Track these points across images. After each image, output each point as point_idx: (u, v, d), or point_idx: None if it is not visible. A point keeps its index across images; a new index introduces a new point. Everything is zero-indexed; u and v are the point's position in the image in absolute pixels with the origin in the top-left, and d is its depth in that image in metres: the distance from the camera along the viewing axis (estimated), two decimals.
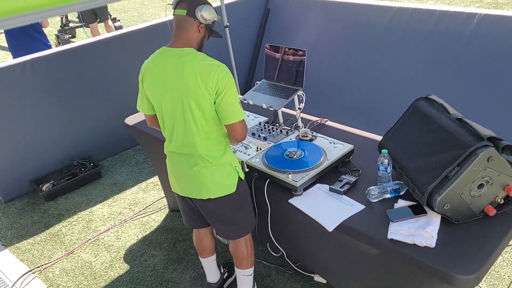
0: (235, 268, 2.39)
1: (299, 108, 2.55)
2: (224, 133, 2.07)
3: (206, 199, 2.09)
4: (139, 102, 2.15)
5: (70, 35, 7.33)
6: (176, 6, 1.96)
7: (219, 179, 2.06)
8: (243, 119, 1.98)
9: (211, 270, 2.53)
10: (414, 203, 1.92)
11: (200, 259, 2.51)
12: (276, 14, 4.73)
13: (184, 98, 1.93)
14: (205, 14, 1.93)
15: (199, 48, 2.01)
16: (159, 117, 2.09)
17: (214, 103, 1.92)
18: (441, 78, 3.47)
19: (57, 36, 6.83)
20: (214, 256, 2.51)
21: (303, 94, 2.54)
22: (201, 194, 2.09)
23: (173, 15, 1.98)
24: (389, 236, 1.78)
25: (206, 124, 1.97)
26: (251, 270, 2.37)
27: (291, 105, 2.58)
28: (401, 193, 2.01)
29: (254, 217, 2.30)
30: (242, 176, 2.15)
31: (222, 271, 2.61)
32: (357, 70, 4.02)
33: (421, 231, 1.75)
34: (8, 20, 0.73)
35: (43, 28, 4.48)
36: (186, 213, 2.35)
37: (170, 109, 2.00)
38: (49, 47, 4.27)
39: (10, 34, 4.19)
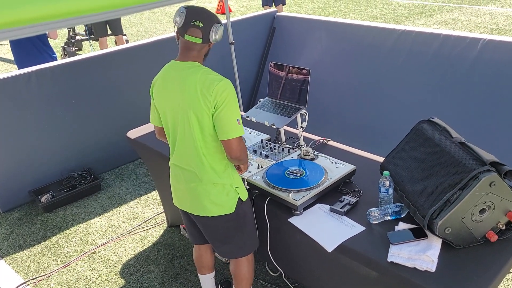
0: None
1: (301, 127, 2.55)
2: (224, 152, 2.02)
3: (204, 216, 2.07)
4: (151, 114, 2.18)
5: (76, 48, 7.40)
6: (186, 31, 1.91)
7: (216, 198, 2.02)
8: (240, 137, 1.93)
9: (208, 285, 2.49)
10: (415, 226, 1.90)
11: (199, 275, 2.49)
12: (281, 33, 4.78)
13: (184, 111, 1.92)
14: (219, 36, 1.95)
15: (205, 57, 2.03)
16: (165, 129, 2.10)
17: (212, 117, 1.90)
18: (444, 101, 3.48)
19: (64, 49, 6.90)
20: (212, 274, 2.48)
21: (306, 113, 2.54)
22: (198, 211, 2.07)
23: (180, 37, 1.94)
24: (389, 259, 1.76)
25: (203, 139, 1.95)
26: None
27: (293, 124, 2.58)
28: (402, 216, 1.99)
29: (256, 239, 2.24)
30: (244, 197, 2.10)
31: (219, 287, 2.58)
32: (360, 91, 4.03)
33: (421, 255, 1.73)
34: (16, 31, 0.73)
35: (50, 40, 4.53)
36: (187, 227, 2.33)
37: (172, 122, 2.01)
38: (55, 59, 4.31)
39: (16, 45, 4.23)
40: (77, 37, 7.51)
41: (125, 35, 7.39)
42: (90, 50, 7.04)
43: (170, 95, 1.97)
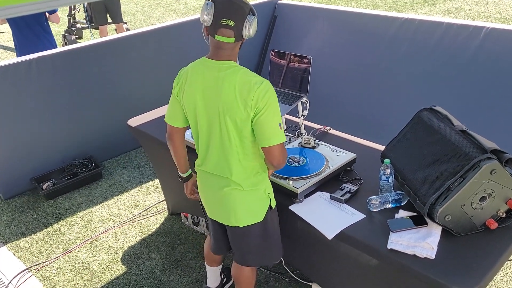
0: None
1: (302, 115, 2.54)
2: (261, 156, 1.91)
3: (235, 226, 1.97)
4: (170, 114, 1.98)
5: (76, 36, 7.37)
6: (216, 32, 1.76)
7: (248, 205, 1.93)
8: (282, 144, 1.80)
9: (214, 277, 2.49)
10: (415, 214, 1.90)
11: (206, 266, 2.46)
12: (283, 21, 4.75)
13: (221, 115, 1.79)
14: (253, 31, 1.79)
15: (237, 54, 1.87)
16: (194, 133, 1.95)
17: (252, 123, 1.78)
18: (446, 89, 3.46)
19: (64, 37, 6.87)
20: (221, 266, 2.48)
21: (307, 101, 2.54)
22: (229, 221, 1.97)
23: (212, 37, 1.79)
24: (389, 246, 1.77)
25: (241, 145, 1.83)
26: None
27: (294, 112, 2.57)
28: (402, 204, 2.00)
29: (280, 250, 2.14)
30: (273, 204, 2.01)
31: (221, 276, 2.59)
32: (362, 79, 4.02)
33: (421, 242, 1.74)
34: (14, 8, 0.72)
35: (52, 25, 4.50)
36: (215, 236, 2.21)
37: (206, 126, 1.87)
38: (55, 47, 4.29)
39: (17, 33, 4.21)
40: (78, 25, 7.47)
41: (125, 23, 7.35)
42: (90, 38, 7.00)
43: (206, 101, 1.82)
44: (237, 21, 1.74)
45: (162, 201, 3.46)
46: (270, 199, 1.99)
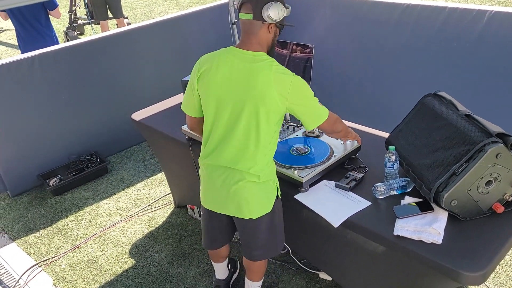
0: (246, 279, 2.30)
1: None
2: (275, 148, 1.96)
3: (248, 219, 1.97)
4: (186, 102, 1.99)
5: (78, 32, 7.37)
6: (240, 9, 1.82)
7: (261, 196, 1.94)
8: (330, 114, 1.96)
9: (222, 269, 2.49)
10: (421, 200, 1.90)
11: (213, 263, 2.46)
12: None
13: (252, 106, 1.80)
14: (273, 14, 1.77)
15: (271, 48, 1.90)
16: (207, 123, 1.92)
17: (292, 113, 1.88)
18: (450, 75, 3.44)
19: (66, 33, 6.87)
20: (226, 261, 2.48)
21: None
22: (242, 213, 1.96)
23: (239, 18, 1.84)
24: (396, 233, 1.77)
25: (265, 136, 1.86)
26: (262, 281, 2.32)
27: None
28: (408, 190, 1.99)
29: (283, 239, 2.16)
30: (279, 194, 2.04)
31: (229, 267, 2.60)
32: (365, 66, 3.99)
33: (427, 228, 1.73)
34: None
35: (54, 21, 4.50)
36: (210, 230, 2.21)
37: (227, 117, 1.86)
38: (57, 43, 4.29)
39: (20, 30, 4.22)
40: (79, 21, 7.47)
41: (126, 18, 7.34)
42: (92, 34, 7.00)
43: (234, 88, 1.82)
44: None
45: (168, 194, 3.48)
46: (278, 189, 2.01)
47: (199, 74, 1.88)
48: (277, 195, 2.02)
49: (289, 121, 2.63)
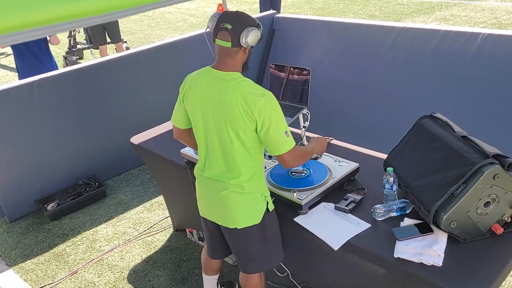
0: None
1: (304, 126, 2.55)
2: (259, 160, 1.99)
3: (233, 229, 2.02)
4: (175, 114, 2.11)
5: (77, 57, 7.44)
6: (216, 35, 1.85)
7: (246, 207, 1.98)
8: (291, 149, 1.87)
9: (209, 284, 2.49)
10: (421, 221, 1.90)
11: (203, 274, 2.49)
12: (281, 35, 4.79)
13: (223, 125, 1.87)
14: (251, 40, 1.82)
15: (245, 65, 1.95)
16: (198, 139, 2.03)
17: (257, 133, 1.86)
18: (445, 96, 3.48)
19: (65, 58, 6.94)
20: (217, 276, 2.48)
21: (308, 113, 2.55)
22: (227, 222, 2.02)
23: (214, 43, 1.88)
24: (396, 255, 1.76)
25: (242, 153, 1.90)
26: None
27: (296, 124, 2.59)
28: (407, 212, 1.99)
29: (281, 252, 2.18)
30: (271, 208, 2.05)
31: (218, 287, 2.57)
32: (361, 89, 4.04)
33: (428, 250, 1.73)
34: (14, 36, 0.74)
35: (53, 46, 4.54)
36: (210, 239, 2.26)
37: (204, 134, 1.96)
38: (56, 68, 4.33)
39: (18, 55, 4.26)
40: (78, 46, 7.56)
41: (125, 42, 7.43)
42: (91, 58, 7.07)
43: (209, 110, 1.90)
44: (234, 26, 1.81)
45: (167, 217, 3.46)
46: (268, 202, 2.03)
47: (184, 92, 2.00)
48: (267, 208, 2.03)
49: None
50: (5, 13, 0.74)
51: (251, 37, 1.82)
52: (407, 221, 1.93)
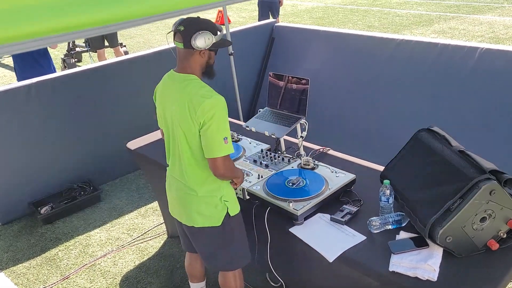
0: None
1: (301, 136, 2.55)
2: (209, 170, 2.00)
3: (191, 226, 2.08)
4: (158, 119, 2.18)
5: (76, 60, 7.44)
6: (174, 37, 1.92)
7: (203, 209, 2.02)
8: (226, 156, 1.89)
9: None
10: (416, 235, 1.89)
11: (189, 283, 2.50)
12: (280, 43, 4.80)
13: (176, 124, 1.94)
14: (200, 43, 1.84)
15: (207, 69, 1.97)
16: (165, 138, 2.12)
17: (199, 134, 1.89)
18: (443, 110, 3.49)
19: (63, 60, 6.94)
20: (202, 283, 2.48)
21: (305, 123, 2.55)
22: (186, 220, 2.09)
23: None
24: (391, 269, 1.75)
25: (191, 153, 1.95)
26: None
27: (293, 133, 2.58)
28: (403, 225, 1.99)
29: (245, 255, 2.22)
30: (232, 212, 2.07)
31: None
32: (359, 100, 4.05)
33: (423, 264, 1.72)
34: (18, 45, 0.74)
35: (50, 50, 4.54)
36: (180, 234, 2.34)
37: (169, 132, 2.04)
38: (54, 71, 4.32)
39: (17, 58, 4.25)
40: (77, 49, 7.56)
41: (124, 46, 7.44)
42: (89, 61, 7.07)
43: (168, 107, 1.99)
44: (187, 28, 1.85)
45: (161, 224, 3.44)
46: (228, 207, 2.04)
47: (155, 94, 2.12)
48: (227, 212, 2.03)
49: (284, 152, 2.64)
50: (6, 22, 0.74)
51: (200, 40, 1.84)
52: (403, 235, 1.92)
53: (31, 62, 4.22)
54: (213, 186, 2.01)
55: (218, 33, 1.92)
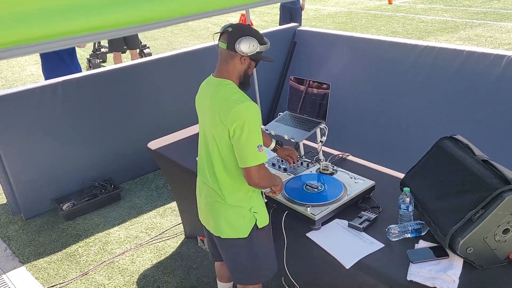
0: None
1: (321, 141, 2.54)
2: (241, 179, 1.95)
3: (217, 236, 2.04)
4: None
5: (101, 60, 7.58)
6: (219, 37, 1.89)
7: (231, 219, 1.97)
8: (260, 165, 1.82)
9: None
10: (436, 244, 1.86)
11: (218, 281, 2.51)
12: (302, 47, 4.80)
13: (208, 129, 1.92)
14: (244, 48, 1.81)
15: (244, 79, 1.93)
16: (199, 142, 2.10)
17: (230, 141, 1.84)
18: (467, 118, 3.42)
19: (89, 60, 7.07)
20: (230, 284, 2.47)
21: (325, 128, 2.54)
22: (213, 229, 2.05)
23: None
24: (409, 278, 1.73)
25: (222, 160, 1.91)
26: None
27: (313, 138, 2.58)
28: (423, 234, 1.96)
29: (272, 268, 2.16)
30: (261, 224, 2.01)
31: None
32: (381, 106, 4.00)
33: (442, 275, 1.69)
34: (48, 44, 0.76)
35: (78, 49, 4.61)
36: (208, 243, 2.30)
37: (201, 139, 2.03)
38: (80, 70, 4.42)
39: (45, 57, 4.36)
40: (102, 50, 7.70)
41: (148, 47, 7.54)
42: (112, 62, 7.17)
43: (202, 111, 1.97)
44: (235, 30, 1.84)
45: (179, 224, 3.47)
46: (257, 219, 2.00)
47: (196, 98, 2.07)
48: (256, 224, 1.99)
49: (303, 156, 2.63)
50: (40, 21, 0.76)
51: (245, 44, 1.81)
52: (422, 244, 1.90)
53: (58, 61, 4.31)
54: (243, 196, 1.96)
55: (264, 44, 1.89)
